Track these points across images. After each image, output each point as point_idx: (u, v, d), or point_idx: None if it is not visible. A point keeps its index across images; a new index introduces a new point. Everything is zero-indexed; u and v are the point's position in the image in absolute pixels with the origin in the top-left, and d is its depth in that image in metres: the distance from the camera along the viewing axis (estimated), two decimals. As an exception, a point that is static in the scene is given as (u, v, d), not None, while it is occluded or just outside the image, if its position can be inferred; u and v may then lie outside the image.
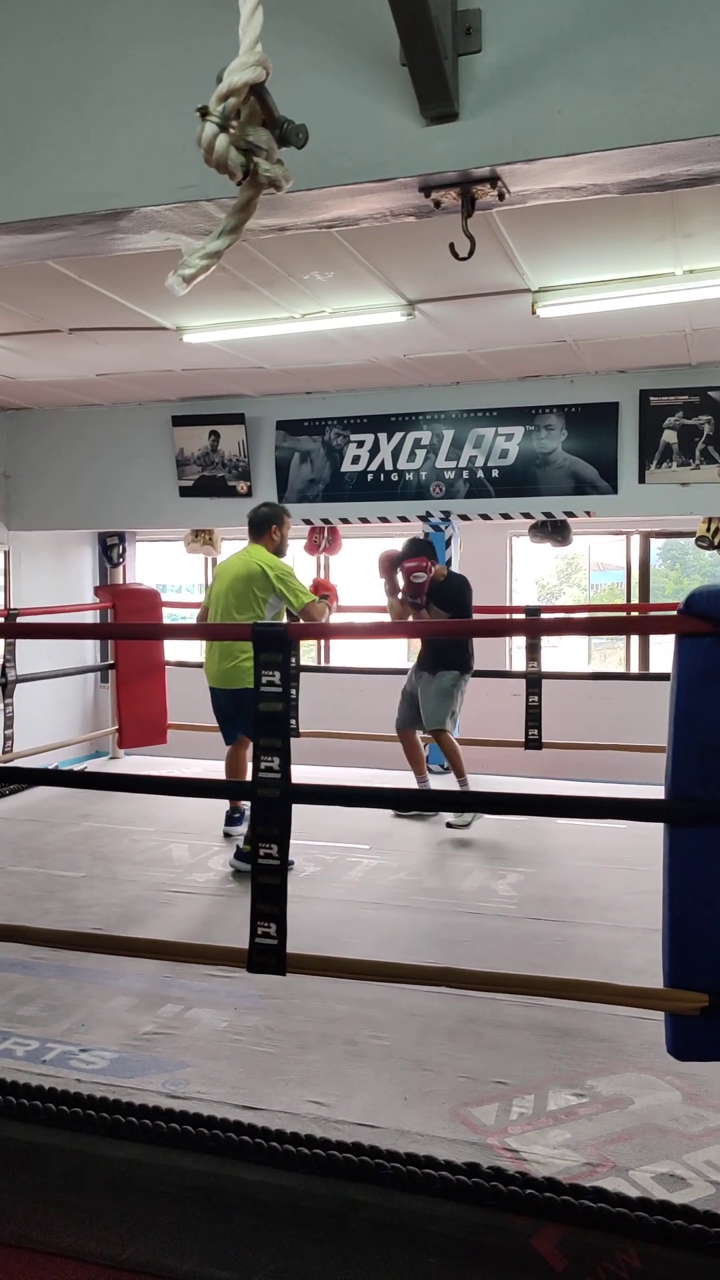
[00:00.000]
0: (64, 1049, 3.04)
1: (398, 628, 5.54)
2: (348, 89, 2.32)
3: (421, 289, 5.00)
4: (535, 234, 4.17)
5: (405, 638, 9.46)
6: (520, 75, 2.21)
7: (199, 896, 4.45)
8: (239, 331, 5.64)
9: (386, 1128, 2.59)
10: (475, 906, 4.33)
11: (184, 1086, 2.81)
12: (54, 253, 2.89)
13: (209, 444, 7.89)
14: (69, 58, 2.56)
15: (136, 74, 2.50)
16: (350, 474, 7.64)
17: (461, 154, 2.27)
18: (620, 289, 4.91)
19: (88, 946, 3.51)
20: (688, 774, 2.47)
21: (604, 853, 5.05)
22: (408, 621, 5.35)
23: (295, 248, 4.20)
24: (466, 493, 7.40)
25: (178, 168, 2.39)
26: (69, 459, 8.37)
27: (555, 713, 6.68)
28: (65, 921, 4.04)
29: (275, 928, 2.84)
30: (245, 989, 3.41)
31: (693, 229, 4.13)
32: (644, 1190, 2.33)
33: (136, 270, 4.36)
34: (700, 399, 6.73)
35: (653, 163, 2.25)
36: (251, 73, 1.52)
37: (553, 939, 3.93)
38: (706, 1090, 2.77)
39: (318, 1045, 3.07)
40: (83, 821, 5.78)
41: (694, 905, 2.47)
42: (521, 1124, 2.62)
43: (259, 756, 2.86)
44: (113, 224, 2.59)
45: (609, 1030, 3.11)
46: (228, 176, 1.62)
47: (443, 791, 5.73)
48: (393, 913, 4.27)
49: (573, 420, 7.08)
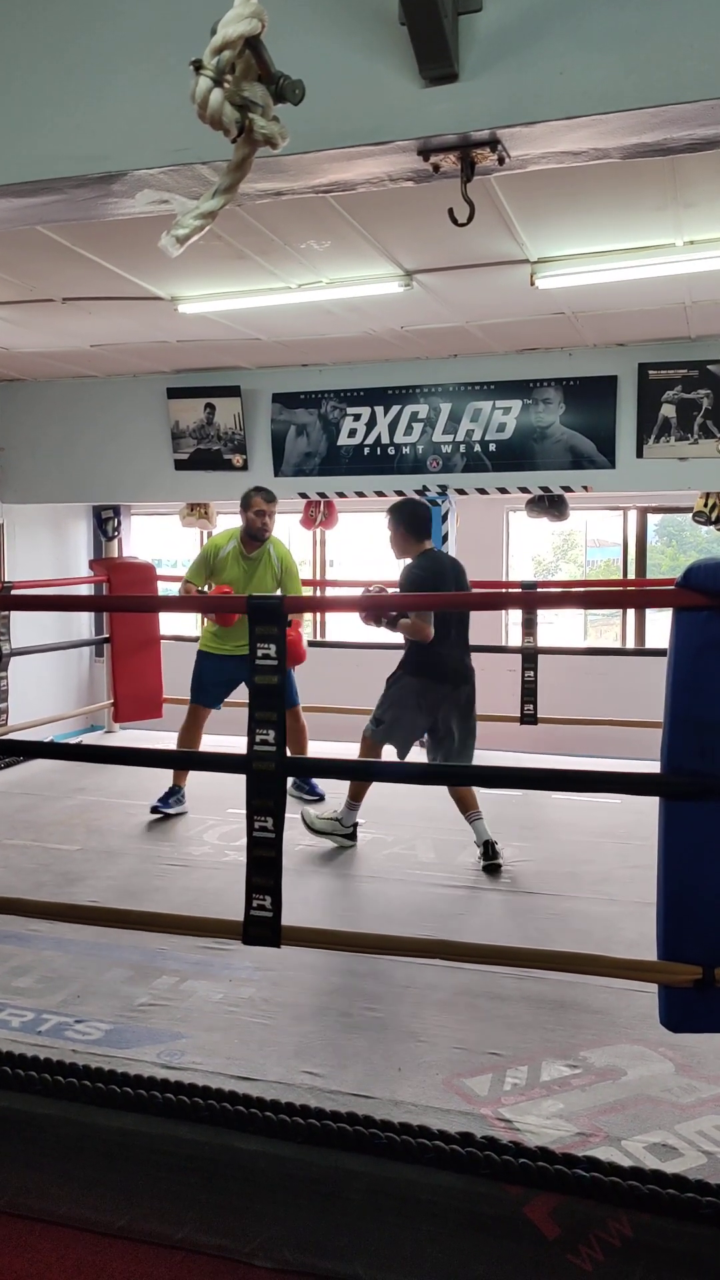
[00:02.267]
0: (60, 1020, 3.05)
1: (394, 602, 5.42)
2: (345, 49, 2.27)
3: (419, 259, 4.94)
4: (534, 203, 4.11)
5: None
6: (521, 36, 2.16)
7: (195, 869, 4.46)
8: (235, 302, 5.58)
9: (381, 1098, 2.61)
10: (471, 880, 4.34)
11: (179, 1057, 2.82)
12: (46, 217, 2.85)
13: (204, 417, 7.82)
14: (60, 18, 2.51)
15: (129, 34, 2.44)
16: (346, 447, 7.59)
17: (461, 116, 2.22)
18: (620, 260, 4.85)
19: (83, 919, 3.51)
20: (684, 748, 2.47)
21: (598, 827, 5.06)
22: (404, 595, 5.19)
23: (291, 215, 4.14)
24: (464, 467, 7.36)
25: (171, 130, 2.35)
26: (63, 431, 8.30)
27: (551, 688, 6.68)
28: (61, 894, 4.04)
29: (270, 900, 2.84)
30: (240, 961, 3.42)
31: (694, 198, 4.07)
32: (636, 1160, 2.34)
33: (131, 238, 4.30)
34: (699, 373, 6.68)
35: (654, 126, 2.21)
36: (246, 25, 1.49)
37: (547, 912, 3.94)
38: (699, 1062, 2.79)
39: (312, 1017, 3.09)
40: (78, 795, 5.79)
41: (688, 878, 2.47)
42: (515, 1095, 2.64)
43: (253, 729, 2.85)
44: (106, 187, 2.54)
45: (602, 1003, 3.13)
46: (222, 133, 1.59)
47: (443, 765, 5.72)
48: (388, 886, 4.28)
49: (571, 394, 7.03)
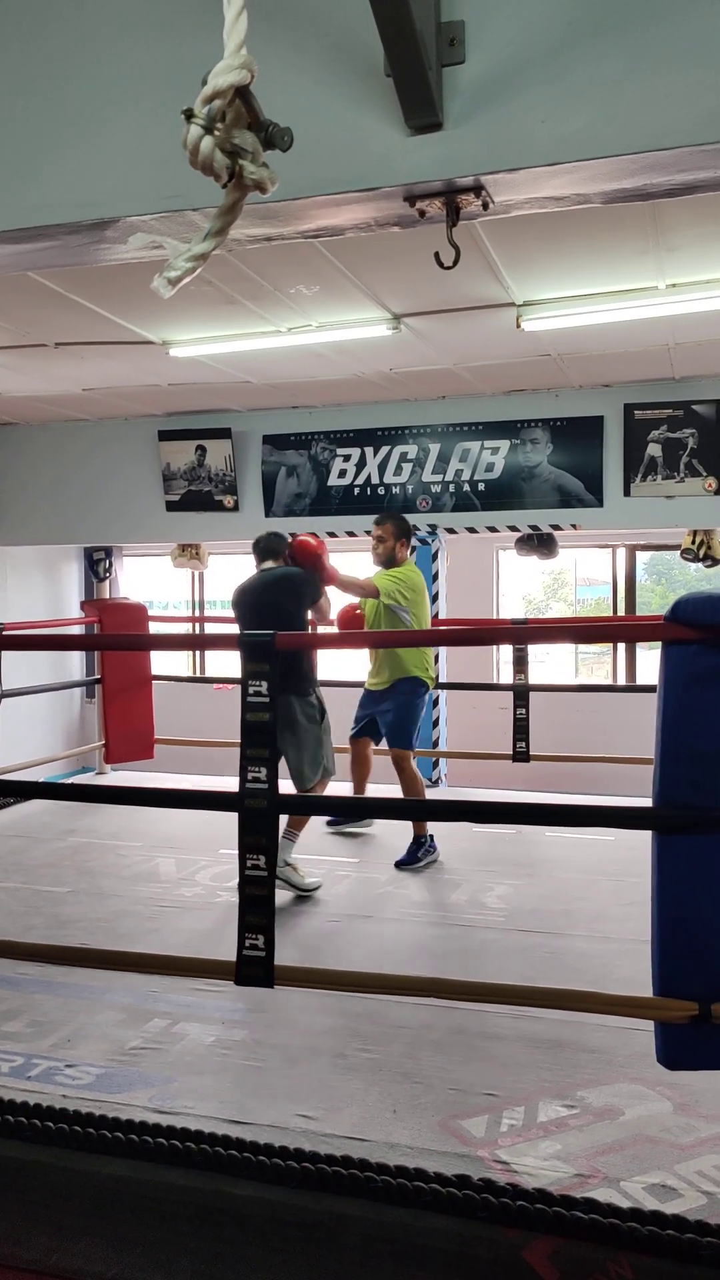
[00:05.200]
0: (50, 1064, 3.01)
1: (379, 637, 5.47)
2: (333, 99, 2.33)
3: (407, 303, 5.02)
4: (519, 247, 4.20)
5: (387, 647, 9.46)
6: (503, 86, 2.22)
7: (186, 911, 4.43)
8: (225, 345, 5.65)
9: (376, 1141, 2.57)
10: (464, 919, 4.31)
11: (171, 1102, 2.78)
12: (39, 263, 2.89)
13: (195, 459, 7.89)
14: (53, 66, 2.57)
15: (121, 83, 2.50)
16: (336, 488, 7.65)
17: (446, 163, 2.28)
18: (604, 303, 4.94)
19: (73, 961, 3.48)
20: (675, 780, 2.48)
21: (592, 864, 5.04)
22: (394, 631, 5.29)
23: (281, 261, 4.22)
24: (453, 506, 7.42)
25: (163, 177, 2.40)
26: (55, 474, 8.35)
27: (543, 725, 6.69)
28: (51, 937, 4.00)
29: (263, 940, 2.83)
30: (233, 1003, 3.39)
31: (675, 243, 4.16)
32: (635, 1201, 2.31)
33: (123, 283, 4.36)
34: (684, 412, 6.77)
35: (635, 172, 2.26)
36: (237, 75, 1.53)
37: (541, 950, 3.91)
38: (697, 1100, 2.76)
39: (306, 1058, 3.05)
40: (69, 837, 5.75)
41: (683, 913, 2.47)
42: (512, 1136, 2.61)
43: (245, 767, 2.85)
44: (98, 234, 2.59)
45: (599, 1041, 3.10)
46: (213, 179, 1.62)
47: (431, 801, 5.71)
48: (381, 925, 4.25)
49: (558, 434, 7.11)
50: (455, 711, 8.21)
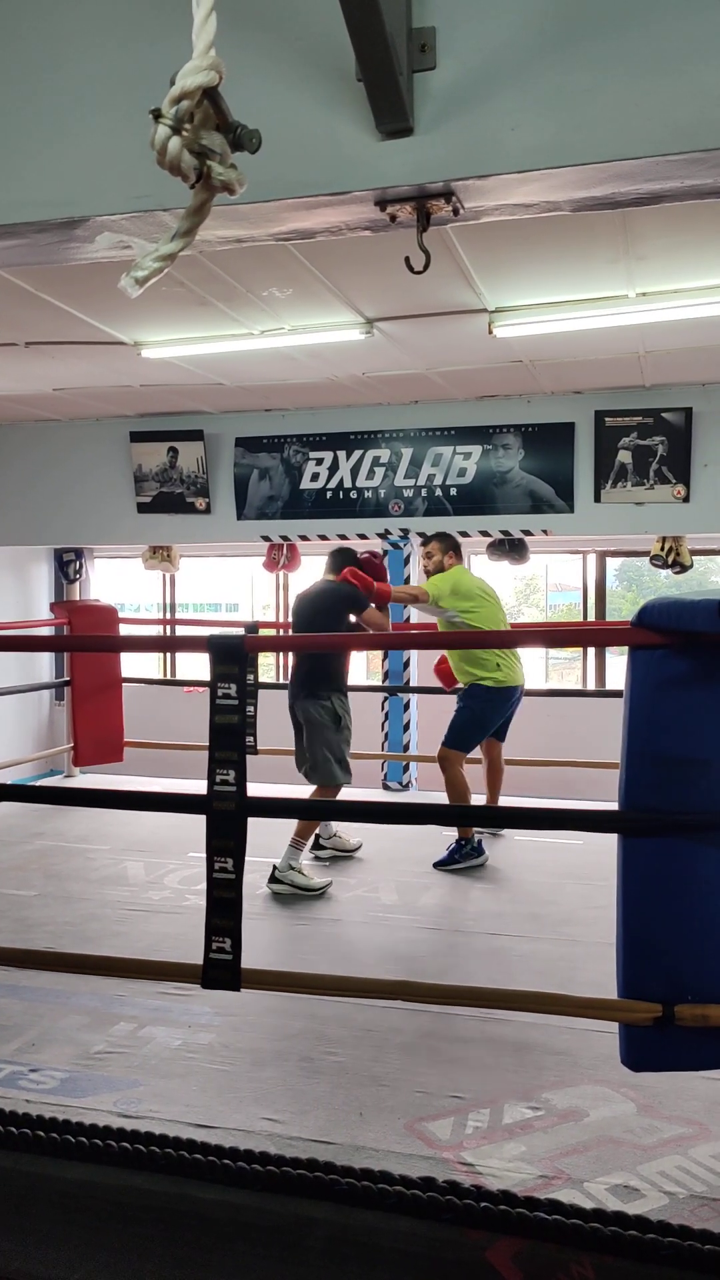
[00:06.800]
0: (13, 1069, 2.98)
1: (354, 639, 5.51)
2: (304, 103, 2.33)
3: (380, 307, 5.03)
4: (492, 254, 4.22)
5: (363, 650, 9.50)
6: (474, 92, 2.24)
7: (154, 914, 4.40)
8: (198, 347, 5.64)
9: (341, 1143, 2.57)
10: (433, 923, 4.32)
11: (136, 1105, 2.77)
12: (8, 261, 2.87)
13: (167, 460, 7.86)
14: (22, 66, 2.56)
15: (91, 83, 2.50)
16: (309, 491, 7.65)
17: (416, 169, 2.29)
18: (575, 310, 4.98)
19: (39, 965, 3.45)
20: (641, 785, 2.49)
21: (560, 869, 5.07)
22: (363, 634, 5.33)
23: (254, 263, 4.22)
24: (425, 511, 7.44)
25: (134, 177, 2.39)
26: (25, 474, 8.29)
27: (513, 730, 6.70)
28: (16, 940, 3.97)
29: (230, 943, 2.81)
30: (200, 1007, 3.37)
31: (645, 252, 4.20)
32: (598, 1202, 2.33)
33: (94, 283, 4.35)
34: (654, 420, 6.83)
35: (603, 181, 2.29)
36: (204, 76, 1.53)
37: (510, 954, 3.93)
38: (660, 1101, 2.78)
39: (273, 1062, 3.05)
40: (36, 840, 5.70)
41: (647, 915, 2.48)
42: (477, 1138, 2.62)
43: (213, 769, 2.84)
44: (68, 233, 2.58)
45: (564, 1044, 3.12)
46: (181, 179, 1.62)
47: (401, 804, 5.71)
48: (350, 929, 4.25)
49: (530, 440, 7.16)
50: (427, 716, 8.23)
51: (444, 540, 5.71)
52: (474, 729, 5.37)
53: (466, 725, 5.35)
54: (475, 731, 5.39)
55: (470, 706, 5.37)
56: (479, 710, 5.36)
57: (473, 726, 5.36)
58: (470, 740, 5.38)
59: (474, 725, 5.36)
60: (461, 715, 5.37)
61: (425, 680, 7.92)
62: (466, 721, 5.35)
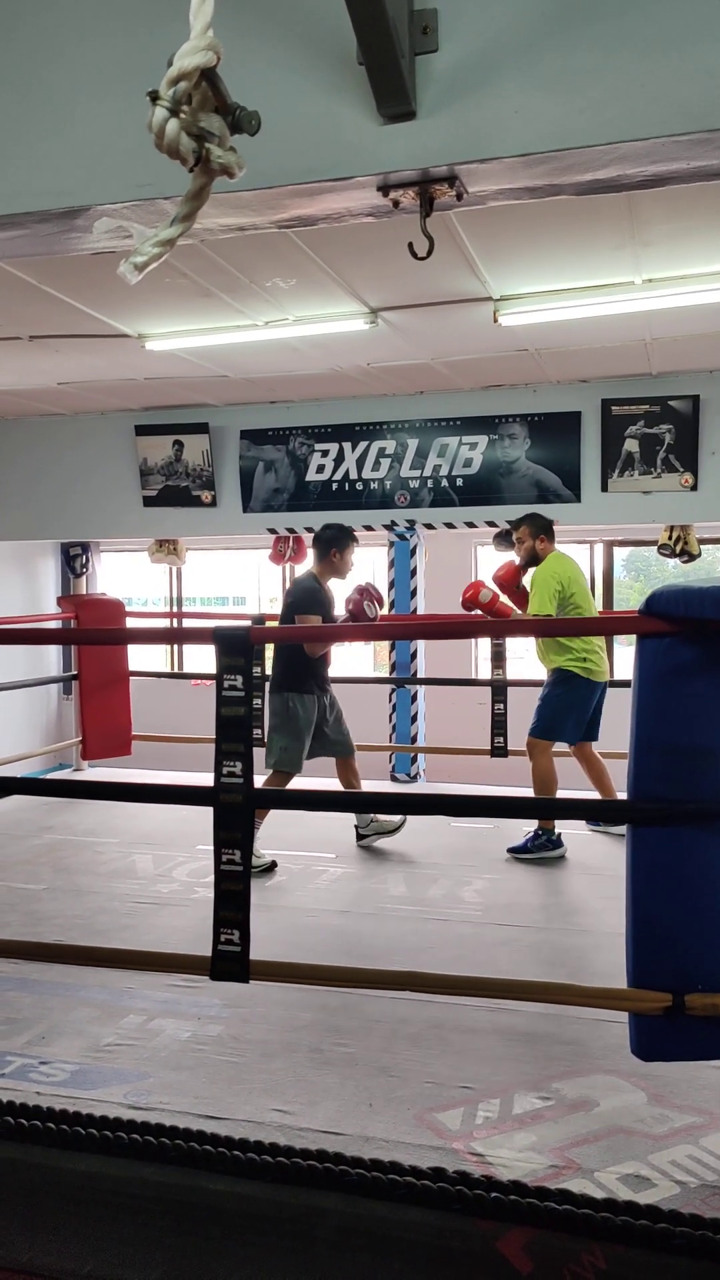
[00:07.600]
0: (24, 1061, 2.98)
1: (364, 630, 5.49)
2: (305, 87, 2.31)
3: (384, 296, 5.01)
4: (496, 241, 4.19)
5: (369, 640, 9.50)
6: (477, 75, 2.22)
7: (163, 907, 4.40)
8: (202, 339, 5.63)
9: (351, 1134, 2.57)
10: (441, 913, 4.31)
11: (146, 1098, 2.77)
12: (10, 252, 2.86)
13: (173, 454, 7.85)
14: (21, 54, 2.54)
15: (91, 70, 2.48)
16: (315, 483, 7.63)
17: (419, 153, 2.27)
18: (581, 298, 4.95)
19: (49, 957, 3.45)
20: (649, 774, 2.48)
21: (570, 858, 5.05)
22: (374, 624, 5.29)
23: (256, 253, 4.20)
24: (431, 501, 7.43)
25: (134, 165, 2.38)
26: (31, 469, 8.30)
27: (521, 720, 6.68)
28: (26, 934, 3.97)
29: (239, 934, 2.81)
30: (209, 999, 3.37)
31: (651, 237, 4.17)
32: (609, 1191, 2.32)
33: (97, 275, 4.33)
34: (661, 408, 6.80)
35: (608, 163, 2.26)
36: (202, 57, 1.51)
37: (519, 944, 3.92)
38: (671, 1091, 2.77)
39: (282, 1053, 3.04)
40: (45, 834, 5.71)
41: (656, 904, 2.47)
42: (487, 1128, 2.61)
43: (220, 761, 2.83)
44: (69, 222, 2.57)
45: (574, 1034, 3.11)
46: (179, 163, 1.61)
47: (409, 795, 5.70)
48: (358, 920, 4.24)
49: (536, 429, 7.13)
50: (434, 706, 8.22)
51: (534, 522, 5.27)
52: (564, 715, 5.06)
53: (556, 712, 5.06)
54: (564, 718, 5.08)
55: (557, 694, 5.08)
56: (568, 696, 5.05)
57: (564, 713, 5.06)
58: (559, 728, 5.08)
59: (564, 711, 5.05)
60: (549, 703, 5.09)
61: (432, 671, 7.91)
62: (556, 708, 5.07)
